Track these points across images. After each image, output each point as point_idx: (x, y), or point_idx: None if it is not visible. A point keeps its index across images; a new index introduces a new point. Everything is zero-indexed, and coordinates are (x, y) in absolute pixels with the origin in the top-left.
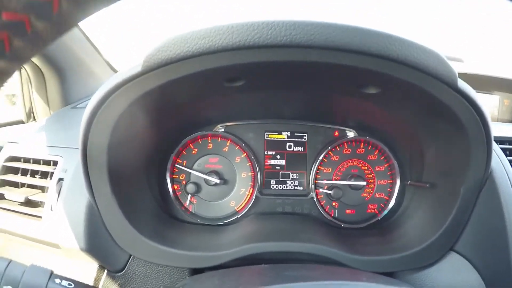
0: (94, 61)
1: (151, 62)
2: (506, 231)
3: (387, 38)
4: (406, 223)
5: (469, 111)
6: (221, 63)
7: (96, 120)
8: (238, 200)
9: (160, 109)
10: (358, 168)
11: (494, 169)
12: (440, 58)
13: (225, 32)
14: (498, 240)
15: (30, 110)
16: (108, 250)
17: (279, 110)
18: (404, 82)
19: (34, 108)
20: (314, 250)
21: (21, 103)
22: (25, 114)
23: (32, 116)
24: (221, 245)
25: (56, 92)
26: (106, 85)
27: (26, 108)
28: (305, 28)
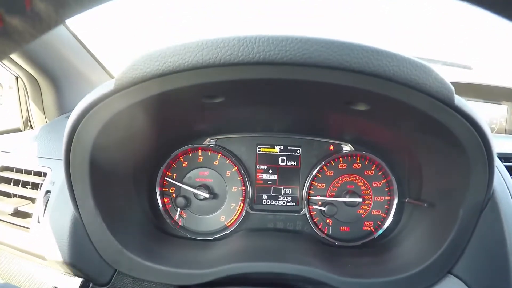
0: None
1: (123, 80)
2: (507, 255)
3: (372, 53)
4: (403, 243)
5: (468, 129)
6: (193, 81)
7: (76, 136)
8: (228, 215)
9: (144, 123)
10: (354, 183)
11: (496, 189)
12: (434, 73)
13: (194, 49)
14: (499, 264)
15: (27, 119)
16: (93, 264)
17: (270, 124)
18: (394, 100)
19: (30, 116)
20: (304, 272)
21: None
22: (22, 122)
23: (29, 124)
24: (208, 262)
25: (51, 101)
26: (82, 103)
27: (23, 117)
28: (280, 44)
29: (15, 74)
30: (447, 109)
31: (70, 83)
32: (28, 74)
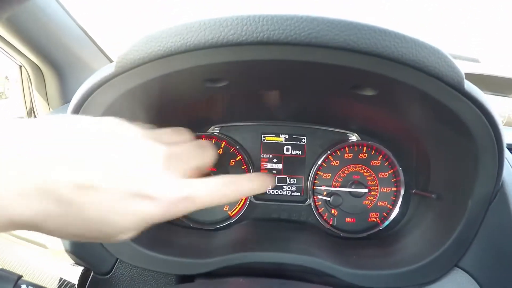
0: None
1: (124, 62)
2: None
3: (380, 33)
4: (409, 235)
5: (477, 117)
6: (195, 62)
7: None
8: (232, 205)
9: (145, 109)
10: (360, 174)
11: (505, 180)
12: (444, 56)
13: (196, 29)
14: (507, 257)
15: (31, 108)
16: (94, 253)
17: (276, 111)
18: (403, 84)
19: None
20: (308, 262)
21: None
22: (26, 111)
23: (33, 113)
24: (211, 252)
25: (55, 90)
26: (82, 87)
27: (27, 106)
28: (284, 23)
29: (19, 63)
30: (456, 94)
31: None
32: (32, 63)
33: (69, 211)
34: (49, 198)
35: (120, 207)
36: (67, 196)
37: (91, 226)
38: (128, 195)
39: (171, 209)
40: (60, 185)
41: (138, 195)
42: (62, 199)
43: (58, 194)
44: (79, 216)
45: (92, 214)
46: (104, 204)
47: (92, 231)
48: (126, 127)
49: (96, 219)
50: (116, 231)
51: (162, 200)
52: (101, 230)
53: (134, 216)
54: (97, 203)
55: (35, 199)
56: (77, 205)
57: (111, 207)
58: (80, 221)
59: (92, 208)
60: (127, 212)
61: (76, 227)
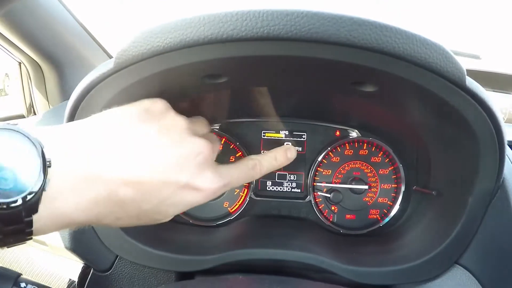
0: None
1: (123, 58)
2: None
3: (382, 29)
4: (409, 232)
5: (478, 113)
6: (194, 58)
7: (76, 119)
8: (232, 201)
9: None
10: (360, 170)
11: (506, 177)
12: (446, 52)
13: (196, 24)
14: (508, 255)
15: (30, 105)
16: (94, 250)
17: (276, 108)
18: (403, 80)
19: (34, 102)
20: (308, 259)
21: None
22: (25, 108)
23: (33, 110)
24: (211, 248)
25: (54, 86)
26: (81, 84)
27: (27, 103)
28: (285, 18)
29: (18, 60)
30: (458, 90)
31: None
32: (31, 59)
33: (123, 208)
34: (102, 203)
35: (171, 199)
36: (119, 195)
37: (143, 217)
38: (178, 188)
39: (213, 195)
40: (112, 185)
41: (187, 187)
42: (115, 199)
43: (112, 195)
44: (133, 211)
45: (145, 207)
46: (156, 197)
47: (143, 220)
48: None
49: (149, 210)
50: (165, 217)
51: (207, 191)
52: (152, 218)
53: (182, 205)
54: (149, 197)
55: (89, 205)
56: (130, 202)
57: (163, 199)
58: (134, 214)
59: (145, 202)
60: (177, 203)
61: (129, 219)
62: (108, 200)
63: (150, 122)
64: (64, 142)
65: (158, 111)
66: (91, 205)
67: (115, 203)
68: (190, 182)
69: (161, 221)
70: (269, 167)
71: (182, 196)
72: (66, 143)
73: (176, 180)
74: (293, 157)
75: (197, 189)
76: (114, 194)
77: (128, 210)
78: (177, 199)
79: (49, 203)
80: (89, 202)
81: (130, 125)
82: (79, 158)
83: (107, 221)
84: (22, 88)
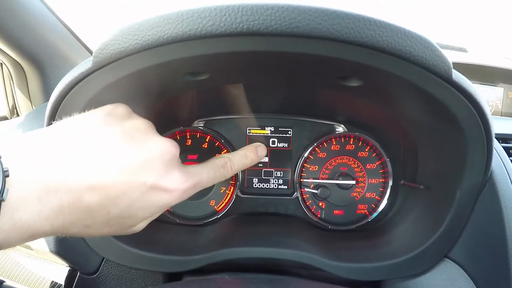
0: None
1: (101, 57)
2: (506, 239)
3: (365, 22)
4: (398, 227)
5: (465, 106)
6: (173, 55)
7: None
8: (218, 199)
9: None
10: (347, 165)
11: (494, 171)
12: (431, 45)
13: (174, 21)
14: (497, 248)
15: (13, 106)
16: (79, 252)
17: (261, 104)
18: (389, 74)
19: (17, 104)
20: (296, 257)
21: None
22: (8, 110)
23: (16, 112)
24: (198, 248)
25: (37, 87)
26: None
27: (9, 105)
28: (265, 13)
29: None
30: (444, 84)
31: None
32: (12, 60)
33: (91, 214)
34: (67, 210)
35: (140, 201)
36: (84, 201)
37: (113, 223)
38: (146, 190)
39: (183, 196)
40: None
41: (155, 188)
42: (81, 206)
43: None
44: (101, 217)
45: (113, 211)
46: (124, 201)
47: (114, 227)
48: (133, 123)
49: (118, 215)
50: (137, 221)
51: (176, 191)
52: (124, 223)
53: (152, 207)
54: (116, 201)
55: (53, 214)
56: (97, 207)
57: (131, 202)
58: (103, 220)
59: (113, 206)
60: (146, 205)
61: (99, 227)
62: (73, 207)
63: (113, 125)
64: (24, 151)
65: (120, 115)
66: (54, 213)
67: (81, 209)
68: (157, 183)
69: (134, 227)
70: (239, 165)
71: (150, 198)
72: (26, 152)
73: (143, 181)
74: (263, 154)
75: (166, 190)
76: (78, 200)
77: (96, 217)
78: (145, 201)
79: (11, 214)
80: (52, 210)
81: (92, 130)
82: (39, 166)
83: (74, 229)
84: (4, 89)
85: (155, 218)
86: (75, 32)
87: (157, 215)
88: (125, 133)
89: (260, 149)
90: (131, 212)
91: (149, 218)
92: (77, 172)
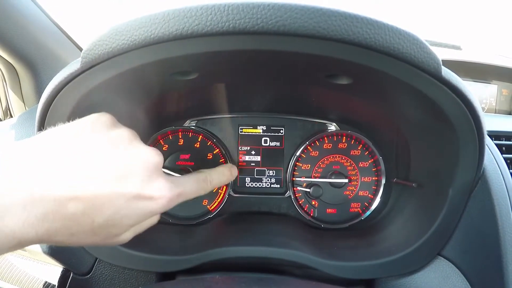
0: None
1: (89, 58)
2: (498, 236)
3: (352, 19)
4: (391, 225)
5: (456, 104)
6: (161, 55)
7: (47, 121)
8: (211, 199)
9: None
10: (340, 164)
11: (487, 168)
12: (419, 42)
13: (160, 20)
14: (489, 245)
15: (6, 108)
16: (72, 253)
17: (252, 103)
18: (377, 72)
19: (10, 105)
20: (289, 256)
21: None
22: (1, 111)
23: (9, 113)
24: (191, 248)
25: (30, 88)
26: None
27: (3, 106)
28: (250, 11)
29: None
30: (433, 81)
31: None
32: (5, 61)
33: (75, 222)
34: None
35: (124, 210)
36: (69, 209)
37: (99, 231)
38: (130, 198)
39: (168, 205)
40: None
41: (139, 197)
42: (65, 213)
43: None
44: (86, 225)
45: (98, 220)
46: (108, 209)
47: (100, 236)
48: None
49: (103, 224)
50: (122, 230)
51: (161, 199)
52: (109, 232)
53: (137, 215)
54: (101, 209)
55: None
56: (81, 215)
57: (116, 210)
58: (89, 229)
59: (98, 215)
60: (130, 213)
61: (84, 235)
62: (57, 215)
63: (97, 134)
64: (9, 161)
65: (105, 124)
66: (39, 221)
67: (66, 217)
68: (141, 192)
69: (119, 237)
70: (217, 181)
71: (135, 206)
72: (11, 162)
73: (128, 190)
74: (235, 174)
75: (150, 198)
76: (63, 209)
77: (81, 225)
78: (130, 209)
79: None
80: (37, 218)
81: (77, 140)
82: (24, 176)
83: (60, 237)
84: None
85: (142, 229)
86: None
87: (142, 223)
88: (110, 141)
89: (233, 169)
90: (115, 220)
91: (134, 228)
92: (61, 181)
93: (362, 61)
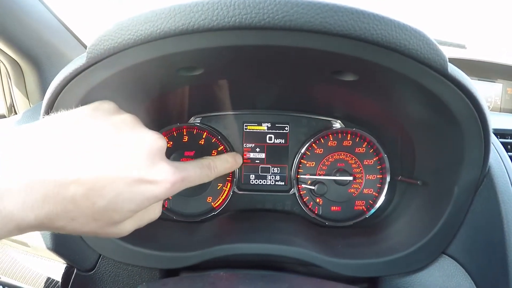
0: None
1: (94, 53)
2: (504, 234)
3: (358, 15)
4: (395, 223)
5: (462, 101)
6: (166, 50)
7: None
8: (215, 196)
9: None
10: (344, 161)
11: (492, 166)
12: (426, 38)
13: (166, 15)
14: (494, 244)
15: (11, 104)
16: (76, 249)
17: (257, 100)
18: (384, 68)
19: (14, 102)
20: (293, 253)
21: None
22: (6, 108)
23: (13, 110)
24: (195, 244)
25: (34, 85)
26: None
27: (7, 103)
28: (257, 6)
29: None
30: (439, 77)
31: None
32: (10, 58)
33: (76, 205)
34: (52, 200)
35: (126, 193)
36: (69, 192)
37: (99, 216)
38: (132, 181)
39: (171, 189)
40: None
41: (142, 180)
42: (65, 196)
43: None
44: (87, 209)
45: (99, 203)
46: (110, 192)
47: (100, 221)
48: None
49: (104, 208)
50: (123, 215)
51: (164, 183)
52: (110, 217)
53: (139, 200)
54: (102, 192)
55: (37, 203)
56: (82, 198)
57: (117, 194)
58: (89, 213)
59: (99, 198)
60: (132, 197)
61: (85, 220)
62: (57, 197)
63: (99, 119)
64: (10, 145)
65: (107, 110)
66: (39, 203)
67: (66, 200)
68: (144, 175)
69: (120, 225)
70: (221, 168)
71: (137, 190)
72: (12, 145)
73: (129, 173)
74: (241, 162)
75: (153, 181)
76: (63, 191)
77: (81, 208)
78: (132, 193)
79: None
80: (36, 200)
81: (79, 124)
82: (25, 159)
83: (60, 222)
84: (2, 87)
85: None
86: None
87: (144, 215)
88: (112, 126)
89: (238, 157)
90: (117, 204)
91: (135, 219)
92: (62, 164)
93: (368, 57)
